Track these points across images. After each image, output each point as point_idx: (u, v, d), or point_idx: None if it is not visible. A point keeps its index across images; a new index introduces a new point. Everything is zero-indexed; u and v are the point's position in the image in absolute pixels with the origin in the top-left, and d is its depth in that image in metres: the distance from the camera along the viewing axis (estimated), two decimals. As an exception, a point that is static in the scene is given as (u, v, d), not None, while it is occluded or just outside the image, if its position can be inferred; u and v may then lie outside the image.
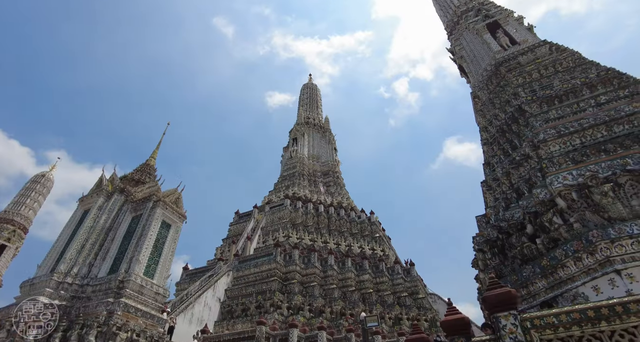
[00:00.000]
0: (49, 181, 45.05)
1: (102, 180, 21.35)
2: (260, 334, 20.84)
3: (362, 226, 40.45)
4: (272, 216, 39.85)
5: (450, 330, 5.44)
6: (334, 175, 52.04)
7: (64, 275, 17.07)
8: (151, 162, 24.60)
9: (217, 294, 27.68)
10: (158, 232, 18.10)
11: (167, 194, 19.51)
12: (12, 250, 38.00)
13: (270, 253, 29.98)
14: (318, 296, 27.88)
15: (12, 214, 39.18)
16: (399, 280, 32.38)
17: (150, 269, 17.21)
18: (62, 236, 19.52)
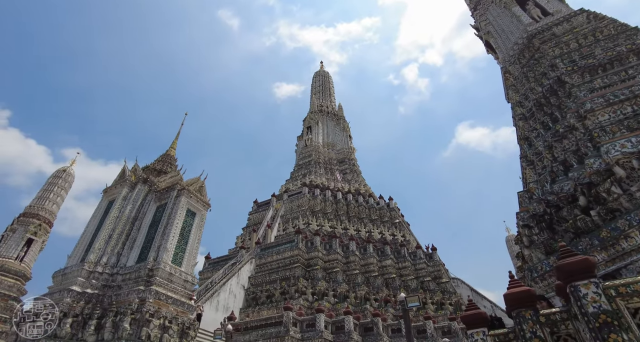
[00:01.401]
0: (70, 176, 45.78)
1: (124, 171, 21.43)
2: (287, 320, 20.92)
3: (381, 212, 40.13)
4: (291, 204, 39.82)
5: (516, 303, 5.12)
6: (350, 162, 51.64)
7: (94, 264, 17.27)
8: (171, 153, 24.61)
9: (241, 282, 27.88)
10: (184, 220, 18.11)
11: (191, 183, 19.47)
12: (39, 244, 38.86)
13: (291, 240, 29.98)
14: (342, 281, 27.84)
15: (37, 208, 39.99)
16: (421, 265, 32.10)
17: (178, 257, 17.27)
18: (89, 226, 19.74)
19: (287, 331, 20.33)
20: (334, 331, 22.04)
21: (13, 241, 35.32)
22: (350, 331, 21.59)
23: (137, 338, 13.71)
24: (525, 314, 5.02)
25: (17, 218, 37.52)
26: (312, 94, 65.82)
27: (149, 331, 14.02)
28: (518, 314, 5.10)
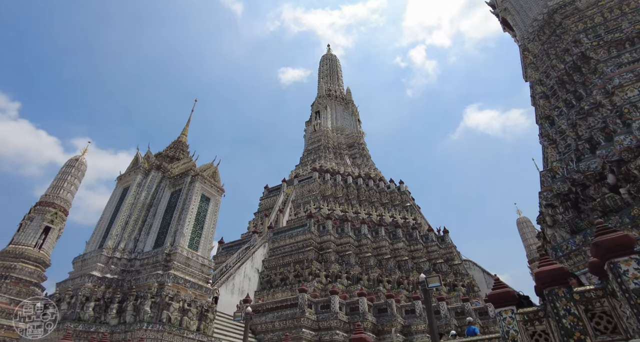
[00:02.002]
0: (82, 165, 46.31)
1: (137, 158, 21.55)
2: (302, 301, 21.21)
3: (392, 195, 40.08)
4: (302, 189, 39.91)
5: (548, 280, 5.05)
6: (359, 147, 51.34)
7: (112, 250, 17.59)
8: (183, 139, 24.65)
9: (255, 265, 28.28)
10: (198, 205, 18.26)
11: (204, 169, 19.54)
12: (56, 231, 39.65)
13: (304, 224, 30.16)
14: (354, 264, 28.05)
15: (53, 197, 40.64)
16: (433, 247, 32.18)
17: (194, 241, 17.49)
18: (105, 213, 20.01)
19: (302, 312, 20.64)
20: (348, 312, 22.33)
21: (31, 229, 36.07)
22: (365, 312, 21.85)
23: (158, 321, 14.03)
24: (559, 291, 4.95)
25: (34, 207, 38.21)
26: (319, 79, 65.07)
27: (169, 313, 14.33)
28: (551, 292, 5.03)
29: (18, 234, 35.26)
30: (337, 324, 20.86)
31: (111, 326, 14.74)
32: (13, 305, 29.78)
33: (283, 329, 20.88)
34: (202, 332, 15.07)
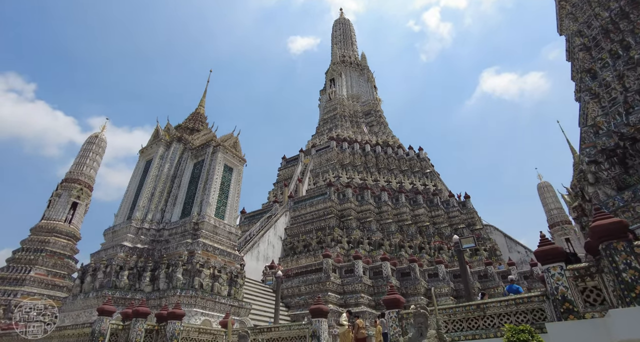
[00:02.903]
0: (102, 141, 47.02)
1: (158, 131, 21.60)
2: (327, 266, 21.63)
3: (411, 162, 39.63)
4: (319, 158, 39.80)
5: (606, 234, 4.83)
6: (376, 114, 50.36)
7: (141, 221, 18.03)
8: (201, 111, 24.50)
9: (278, 233, 28.81)
10: (222, 175, 18.36)
11: (225, 139, 19.48)
12: (83, 206, 40.94)
13: (324, 193, 30.28)
14: (375, 230, 28.26)
15: (77, 174, 41.68)
16: (455, 212, 32.03)
17: (220, 210, 17.72)
18: (131, 186, 20.38)
19: (327, 276, 21.09)
20: (371, 276, 22.72)
21: (60, 205, 37.26)
22: (388, 276, 22.19)
23: (191, 287, 14.49)
24: (618, 246, 4.72)
25: (60, 184, 39.30)
26: (332, 45, 63.09)
27: (201, 280, 14.77)
28: (609, 246, 4.81)
29: (48, 210, 36.55)
30: (362, 287, 21.29)
31: (146, 293, 15.34)
32: (51, 276, 31.42)
33: (309, 293, 21.47)
34: (233, 297, 15.56)
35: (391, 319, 9.03)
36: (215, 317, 14.24)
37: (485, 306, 8.19)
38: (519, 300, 7.89)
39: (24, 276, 29.93)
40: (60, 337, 12.02)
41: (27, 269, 30.56)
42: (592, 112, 10.98)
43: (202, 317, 13.86)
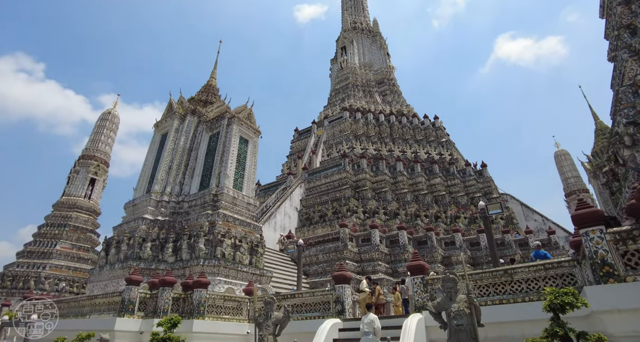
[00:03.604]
0: (115, 118, 47.18)
1: (171, 104, 21.42)
2: (344, 235, 21.82)
3: (427, 131, 38.89)
4: (332, 129, 39.34)
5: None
6: (390, 82, 49.04)
7: (160, 194, 18.23)
8: (212, 83, 24.13)
9: (294, 204, 29.04)
10: (238, 147, 18.29)
11: (239, 111, 19.23)
12: (100, 182, 41.72)
13: (338, 164, 30.14)
14: (391, 200, 28.20)
15: (93, 150, 42.17)
16: (471, 181, 31.66)
17: (238, 182, 17.78)
18: (147, 160, 20.49)
19: (345, 245, 21.31)
20: (388, 244, 22.89)
21: (79, 181, 37.98)
22: (405, 244, 22.32)
23: (213, 256, 14.76)
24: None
25: (78, 161, 39.87)
26: (343, 11, 60.74)
27: (223, 249, 15.02)
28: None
29: (68, 187, 37.34)
30: (379, 255, 21.50)
31: (169, 263, 15.74)
32: (75, 249, 32.55)
33: (326, 261, 21.82)
34: (254, 265, 15.85)
35: (416, 284, 9.06)
36: (238, 285, 14.58)
37: (513, 271, 8.12)
38: (549, 265, 7.78)
39: (50, 249, 31.07)
40: (91, 306, 12.47)
41: (53, 243, 31.67)
42: (631, 71, 10.30)
43: (226, 285, 14.20)
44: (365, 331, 7.73)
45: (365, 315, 8.21)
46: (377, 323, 7.89)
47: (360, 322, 8.10)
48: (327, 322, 9.28)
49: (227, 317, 11.10)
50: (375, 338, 7.71)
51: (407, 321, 8.08)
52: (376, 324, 7.84)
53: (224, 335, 10.71)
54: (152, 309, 10.95)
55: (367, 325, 7.77)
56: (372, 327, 7.77)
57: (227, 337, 10.79)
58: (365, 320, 7.94)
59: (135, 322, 10.55)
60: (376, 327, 7.81)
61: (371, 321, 7.85)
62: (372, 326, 7.78)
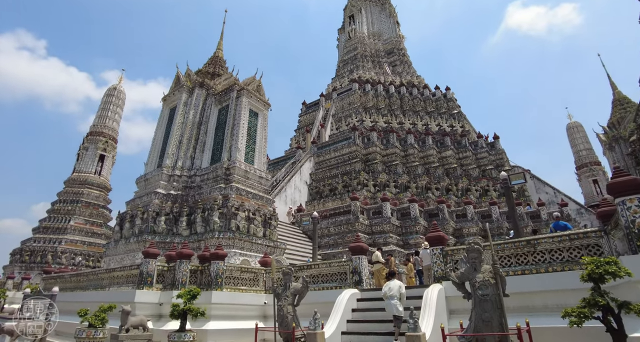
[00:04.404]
0: (121, 93, 46.72)
1: (179, 77, 20.98)
2: (355, 208, 21.80)
3: (438, 103, 37.99)
4: (341, 102, 38.60)
5: None
6: (399, 52, 47.54)
7: (171, 168, 18.16)
8: (219, 54, 23.52)
9: (304, 178, 28.97)
10: (248, 120, 17.99)
11: (248, 83, 18.78)
12: (110, 159, 41.86)
13: (348, 137, 29.77)
14: (402, 173, 27.96)
15: (101, 127, 42.03)
16: (483, 154, 31.17)
17: (249, 156, 17.61)
18: (157, 135, 20.32)
19: (356, 218, 21.33)
20: (399, 217, 22.87)
21: (88, 158, 38.13)
22: (416, 217, 22.27)
23: (228, 229, 14.82)
24: None
25: (86, 137, 39.86)
26: (350, -23, 58.18)
27: (237, 222, 15.05)
28: None
29: (78, 163, 37.54)
30: (390, 228, 21.53)
31: (184, 237, 15.85)
32: (89, 225, 33.12)
33: (338, 234, 21.94)
34: (268, 238, 15.93)
35: (435, 255, 8.97)
36: (253, 257, 14.70)
37: (536, 241, 7.97)
38: (574, 235, 7.61)
39: (65, 225, 31.65)
40: (110, 279, 12.67)
41: (67, 219, 32.22)
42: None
43: (241, 257, 14.32)
44: (390, 295, 7.84)
45: (390, 281, 8.31)
46: (403, 289, 8.03)
47: (383, 288, 8.20)
48: (346, 292, 9.31)
49: (244, 288, 11.22)
50: (400, 303, 7.79)
51: (427, 291, 8.04)
52: (402, 290, 7.98)
53: (242, 306, 10.85)
54: (170, 282, 11.07)
55: (393, 290, 7.89)
56: (399, 292, 7.89)
57: (245, 307, 10.93)
58: (390, 285, 8.07)
59: (155, 294, 10.69)
60: (402, 293, 7.94)
61: (399, 287, 7.99)
62: (400, 291, 7.91)
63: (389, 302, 7.77)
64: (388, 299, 7.81)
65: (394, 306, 7.70)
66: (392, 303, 7.72)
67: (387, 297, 7.84)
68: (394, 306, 7.71)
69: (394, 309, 7.69)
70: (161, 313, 10.45)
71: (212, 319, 9.93)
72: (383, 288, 8.21)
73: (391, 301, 7.74)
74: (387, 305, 7.80)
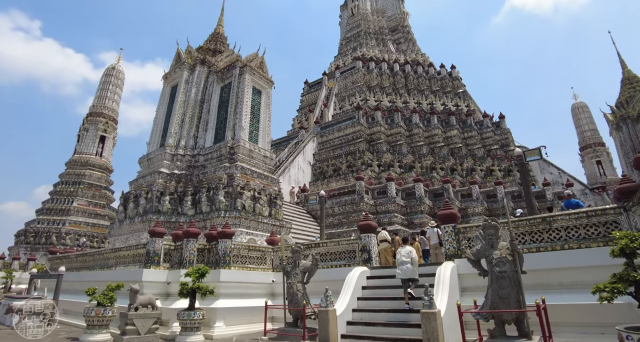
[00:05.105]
0: (120, 73, 45.84)
1: (179, 54, 20.41)
2: (360, 188, 21.63)
3: (443, 82, 37.26)
4: (345, 81, 37.86)
5: None
6: (404, 30, 46.36)
7: (174, 148, 17.87)
8: (220, 31, 22.83)
9: (307, 158, 28.72)
10: (251, 98, 17.57)
11: (251, 59, 18.26)
12: (111, 140, 41.44)
13: (352, 117, 29.30)
14: (406, 153, 27.66)
15: (100, 107, 41.39)
16: (488, 133, 30.77)
17: (253, 135, 17.30)
18: (159, 113, 19.94)
19: (361, 198, 21.19)
20: (404, 197, 22.72)
21: (89, 139, 37.73)
22: (422, 197, 22.12)
23: (234, 208, 14.68)
24: None
25: (86, 118, 39.33)
26: (352, -49, 56.17)
27: (243, 201, 14.90)
28: None
29: (79, 144, 37.17)
30: (395, 207, 21.41)
31: (189, 216, 15.71)
32: (92, 206, 33.10)
33: (342, 213, 21.85)
34: (273, 217, 15.82)
35: (447, 233, 8.80)
36: (259, 236, 14.61)
37: (552, 219, 7.78)
38: (591, 212, 7.42)
39: (68, 206, 31.62)
40: (116, 258, 12.60)
41: (70, 201, 32.16)
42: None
43: (247, 236, 14.23)
44: (403, 260, 7.93)
45: (402, 247, 8.40)
46: (414, 254, 8.11)
47: (397, 254, 8.26)
48: (356, 270, 9.20)
49: (252, 266, 11.14)
50: (413, 268, 7.88)
51: (440, 269, 7.91)
52: (413, 255, 8.06)
53: (250, 284, 10.80)
54: (177, 261, 10.98)
55: (406, 255, 7.98)
56: (411, 256, 7.98)
57: (253, 286, 10.88)
58: (402, 251, 8.14)
59: (162, 273, 10.62)
60: (414, 258, 8.02)
61: (410, 251, 8.08)
62: (411, 256, 7.99)
63: (403, 267, 7.85)
64: (401, 265, 7.90)
65: (408, 270, 7.81)
66: (406, 267, 7.82)
67: (400, 263, 7.94)
68: (408, 269, 7.81)
69: (408, 273, 7.80)
70: (169, 292, 10.40)
71: (221, 298, 9.88)
72: (396, 254, 8.30)
73: (405, 266, 7.84)
74: (401, 269, 7.88)
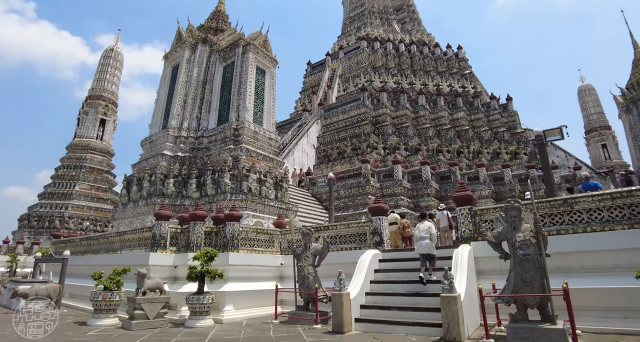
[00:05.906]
0: (119, 54, 44.85)
1: (180, 33, 19.77)
2: (366, 171, 21.34)
3: (450, 63, 36.39)
4: (349, 61, 37.01)
5: None
6: (409, 9, 45.11)
7: (177, 130, 17.48)
8: (221, 8, 22.08)
9: (311, 141, 28.31)
10: (255, 78, 17.04)
11: (254, 37, 17.65)
12: (111, 123, 40.84)
13: (357, 98, 28.71)
14: (412, 135, 27.23)
15: (100, 90, 40.62)
16: (495, 116, 30.22)
17: (257, 116, 16.88)
18: (160, 95, 19.46)
19: (367, 180, 20.92)
20: (410, 180, 22.45)
21: (89, 123, 37.20)
22: (428, 179, 21.85)
23: (240, 191, 14.41)
24: None
25: (85, 101, 38.69)
26: None
27: (249, 184, 14.61)
28: None
29: (79, 128, 36.65)
30: (401, 190, 21.17)
31: (194, 199, 15.46)
32: (94, 190, 32.88)
33: (348, 197, 21.62)
34: (280, 200, 15.57)
35: (463, 215, 8.53)
36: (266, 219, 14.40)
37: (573, 200, 7.49)
38: (616, 194, 7.14)
39: (70, 190, 31.41)
40: (121, 242, 12.40)
41: (72, 185, 31.93)
42: None
43: (254, 219, 14.01)
44: (421, 236, 7.85)
45: (420, 222, 8.31)
46: (433, 229, 8.02)
47: (414, 230, 8.22)
48: (368, 253, 8.98)
49: (260, 249, 10.93)
50: (432, 243, 7.79)
51: (457, 252, 7.67)
52: (433, 230, 7.98)
53: (259, 267, 10.61)
54: (184, 244, 10.76)
55: (424, 231, 7.91)
56: (429, 232, 7.89)
57: (262, 269, 10.70)
58: (421, 227, 8.07)
59: (169, 257, 10.41)
60: (433, 233, 7.94)
61: (429, 227, 7.98)
62: (430, 231, 7.91)
63: (421, 242, 7.74)
64: (420, 240, 7.79)
65: (426, 245, 7.69)
66: (424, 243, 7.71)
67: (419, 238, 7.84)
68: (426, 245, 7.70)
69: (426, 248, 7.69)
70: (176, 276, 10.22)
71: (230, 281, 9.69)
72: (414, 230, 8.26)
73: (424, 242, 7.73)
74: (419, 245, 7.76)
